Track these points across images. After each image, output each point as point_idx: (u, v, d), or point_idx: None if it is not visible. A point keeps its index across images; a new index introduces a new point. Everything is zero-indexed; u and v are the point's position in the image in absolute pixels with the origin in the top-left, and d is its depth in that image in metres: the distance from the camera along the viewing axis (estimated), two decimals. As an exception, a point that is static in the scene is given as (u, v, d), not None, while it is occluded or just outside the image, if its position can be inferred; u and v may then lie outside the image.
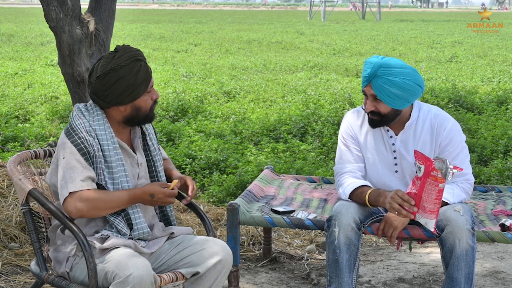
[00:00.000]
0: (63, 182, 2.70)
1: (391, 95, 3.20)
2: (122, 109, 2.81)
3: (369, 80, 3.23)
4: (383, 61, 3.22)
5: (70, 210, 2.70)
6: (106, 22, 5.33)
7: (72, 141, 2.73)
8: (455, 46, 22.17)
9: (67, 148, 2.73)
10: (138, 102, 2.81)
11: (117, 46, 2.82)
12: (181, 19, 43.41)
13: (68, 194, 2.68)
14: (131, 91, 2.77)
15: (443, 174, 2.93)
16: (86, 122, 2.78)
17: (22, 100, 9.67)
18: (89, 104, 2.84)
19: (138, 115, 2.83)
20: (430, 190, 2.96)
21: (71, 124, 2.79)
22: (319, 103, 9.38)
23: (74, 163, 2.71)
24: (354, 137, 3.41)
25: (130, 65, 2.76)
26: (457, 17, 55.84)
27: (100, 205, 2.71)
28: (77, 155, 2.72)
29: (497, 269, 4.23)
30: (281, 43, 22.68)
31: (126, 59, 2.76)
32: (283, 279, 4.06)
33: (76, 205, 2.68)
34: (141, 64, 2.79)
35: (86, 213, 2.71)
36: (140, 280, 2.57)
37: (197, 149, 6.51)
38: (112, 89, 2.75)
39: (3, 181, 4.69)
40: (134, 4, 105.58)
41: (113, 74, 2.74)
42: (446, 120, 3.33)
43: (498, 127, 7.42)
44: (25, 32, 25.61)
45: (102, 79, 2.75)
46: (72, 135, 2.75)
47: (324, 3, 49.78)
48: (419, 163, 2.98)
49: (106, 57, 2.79)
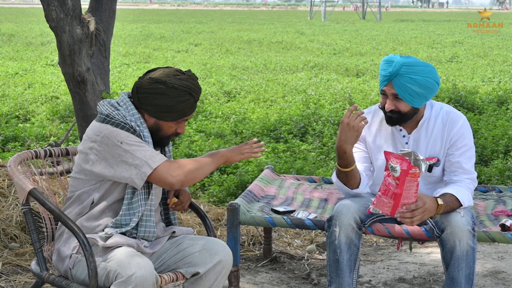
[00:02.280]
0: (138, 162, 2.69)
1: (413, 93, 3.18)
2: (147, 118, 2.82)
3: (390, 79, 3.19)
4: (405, 60, 3.18)
5: (170, 182, 2.73)
6: (106, 22, 5.34)
7: (122, 127, 2.72)
8: (455, 46, 22.17)
9: (121, 134, 2.71)
10: (162, 123, 2.82)
11: (189, 71, 2.84)
12: (182, 19, 43.42)
13: (153, 171, 2.69)
14: (163, 111, 2.78)
15: (419, 168, 2.91)
16: (122, 113, 2.77)
17: (23, 100, 9.67)
18: (120, 99, 2.83)
19: (156, 133, 2.84)
20: (410, 186, 2.94)
21: (108, 115, 2.75)
22: (320, 103, 9.38)
23: (138, 143, 2.71)
24: (361, 138, 3.40)
25: (181, 93, 2.77)
26: (457, 17, 55.83)
27: (192, 168, 2.76)
28: (134, 137, 2.72)
29: (498, 269, 4.23)
30: (281, 43, 22.67)
31: (182, 85, 2.77)
32: (283, 279, 4.06)
33: (172, 175, 2.72)
34: (189, 99, 2.79)
35: (184, 178, 2.74)
36: (143, 280, 2.57)
37: (197, 149, 6.51)
38: (152, 97, 2.76)
39: (3, 181, 4.69)
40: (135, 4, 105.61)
41: (163, 87, 2.75)
42: (457, 117, 3.33)
43: (499, 127, 7.41)
44: (25, 32, 25.61)
45: (153, 83, 2.76)
46: (117, 123, 2.73)
47: (325, 3, 49.78)
48: (393, 163, 2.93)
49: (172, 70, 2.81)
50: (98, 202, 2.79)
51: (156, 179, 2.73)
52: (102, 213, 2.79)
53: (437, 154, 3.32)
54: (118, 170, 2.72)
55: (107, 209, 2.79)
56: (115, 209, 2.80)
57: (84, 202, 2.80)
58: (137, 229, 2.81)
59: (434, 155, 3.31)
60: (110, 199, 2.79)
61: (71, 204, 2.84)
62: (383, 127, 3.38)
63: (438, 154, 3.32)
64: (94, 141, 2.73)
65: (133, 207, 2.77)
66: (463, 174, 3.28)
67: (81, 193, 2.80)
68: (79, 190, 2.81)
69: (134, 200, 2.77)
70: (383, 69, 3.23)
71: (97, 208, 2.79)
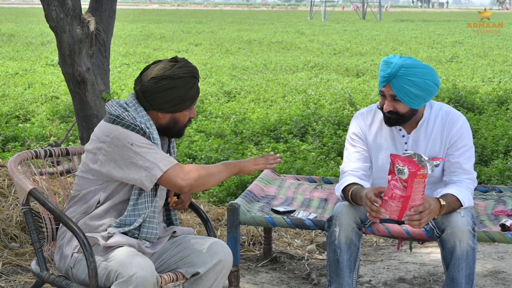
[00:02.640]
0: (148, 164, 2.69)
1: (411, 95, 3.17)
2: (161, 116, 2.82)
3: (389, 80, 3.18)
4: (404, 61, 3.17)
5: (180, 185, 2.73)
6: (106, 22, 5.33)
7: (132, 129, 2.72)
8: (455, 46, 22.17)
9: (131, 135, 2.70)
10: (178, 115, 2.83)
11: (177, 57, 2.84)
12: (182, 19, 43.42)
13: (163, 174, 2.69)
14: (178, 103, 2.79)
15: (426, 169, 2.90)
16: (132, 115, 2.76)
17: (23, 100, 9.67)
18: (128, 100, 2.83)
19: (173, 128, 2.85)
20: (418, 188, 2.91)
21: (118, 116, 2.75)
22: (320, 103, 9.38)
23: (149, 146, 2.71)
24: (362, 137, 3.39)
25: (188, 79, 2.78)
26: (457, 17, 55.82)
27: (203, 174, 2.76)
28: (144, 139, 2.72)
29: (498, 269, 4.23)
30: (281, 43, 22.68)
31: (185, 71, 2.78)
32: (283, 279, 4.06)
33: (183, 178, 2.72)
34: (195, 82, 2.82)
35: (193, 183, 2.74)
36: (143, 280, 2.57)
37: (197, 149, 6.51)
38: (162, 95, 2.76)
39: (3, 181, 4.69)
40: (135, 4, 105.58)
41: (170, 81, 2.75)
42: (457, 117, 3.32)
43: (499, 127, 7.42)
44: (25, 32, 25.62)
45: (157, 81, 2.76)
46: (127, 124, 2.72)
47: (325, 3, 49.78)
48: (400, 165, 2.89)
49: (165, 63, 2.80)
50: (104, 202, 2.79)
51: (166, 182, 2.73)
52: (106, 212, 2.79)
53: (436, 154, 3.32)
54: (127, 172, 2.71)
55: (112, 209, 2.79)
56: (120, 209, 2.80)
57: (90, 201, 2.80)
58: (139, 229, 2.81)
59: (433, 155, 3.31)
60: (115, 199, 2.78)
61: (76, 203, 2.84)
62: (384, 126, 3.37)
63: (437, 154, 3.32)
64: (103, 142, 2.73)
65: (139, 208, 2.77)
66: (463, 174, 3.28)
67: (87, 192, 2.80)
68: (85, 189, 2.81)
69: (140, 201, 2.77)
70: (382, 69, 3.23)
71: (102, 207, 2.79)
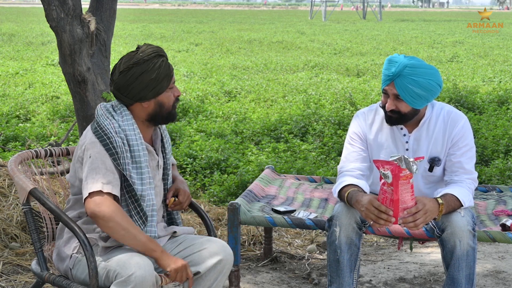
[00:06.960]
0: (85, 183, 2.69)
1: (414, 95, 3.17)
2: (146, 105, 2.80)
3: (393, 79, 3.18)
4: (408, 61, 3.17)
5: (91, 211, 2.66)
6: (107, 22, 5.34)
7: (101, 141, 2.72)
8: (456, 46, 22.16)
9: (96, 148, 2.71)
10: (161, 98, 2.81)
11: (138, 45, 2.85)
12: (182, 19, 43.42)
13: (88, 195, 2.67)
14: (154, 86, 2.77)
15: (409, 170, 2.89)
16: (115, 122, 2.76)
17: (23, 99, 9.67)
18: (115, 103, 2.83)
19: (161, 112, 2.83)
20: (405, 189, 2.91)
21: (99, 123, 2.77)
22: (320, 103, 9.38)
23: (99, 164, 2.69)
24: (362, 137, 3.39)
25: (153, 60, 2.77)
26: (458, 17, 55.82)
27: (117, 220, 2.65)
28: (105, 156, 2.71)
29: (498, 269, 4.23)
30: (282, 43, 22.67)
31: (148, 53, 2.77)
32: (284, 278, 4.06)
33: (95, 207, 2.64)
34: (163, 60, 2.80)
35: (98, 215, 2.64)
36: (142, 279, 2.57)
37: (198, 148, 6.51)
38: (136, 84, 2.76)
39: (4, 180, 4.69)
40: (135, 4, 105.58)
41: (136, 68, 2.75)
42: (459, 117, 3.32)
43: (499, 127, 7.42)
44: (26, 32, 25.62)
45: (125, 73, 2.76)
46: (101, 134, 2.73)
47: (325, 3, 49.78)
48: (384, 170, 2.89)
49: (128, 54, 2.81)
50: None
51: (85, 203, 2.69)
52: None
53: (438, 154, 3.32)
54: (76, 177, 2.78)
55: None
56: None
57: (82, 208, 2.79)
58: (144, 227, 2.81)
59: (435, 155, 3.31)
60: None
61: (71, 207, 2.86)
62: (385, 125, 3.37)
63: (439, 154, 3.32)
64: (82, 150, 2.77)
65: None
66: (464, 174, 3.28)
67: (80, 198, 2.81)
68: (77, 195, 2.83)
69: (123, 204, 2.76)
70: (386, 68, 3.22)
71: None
